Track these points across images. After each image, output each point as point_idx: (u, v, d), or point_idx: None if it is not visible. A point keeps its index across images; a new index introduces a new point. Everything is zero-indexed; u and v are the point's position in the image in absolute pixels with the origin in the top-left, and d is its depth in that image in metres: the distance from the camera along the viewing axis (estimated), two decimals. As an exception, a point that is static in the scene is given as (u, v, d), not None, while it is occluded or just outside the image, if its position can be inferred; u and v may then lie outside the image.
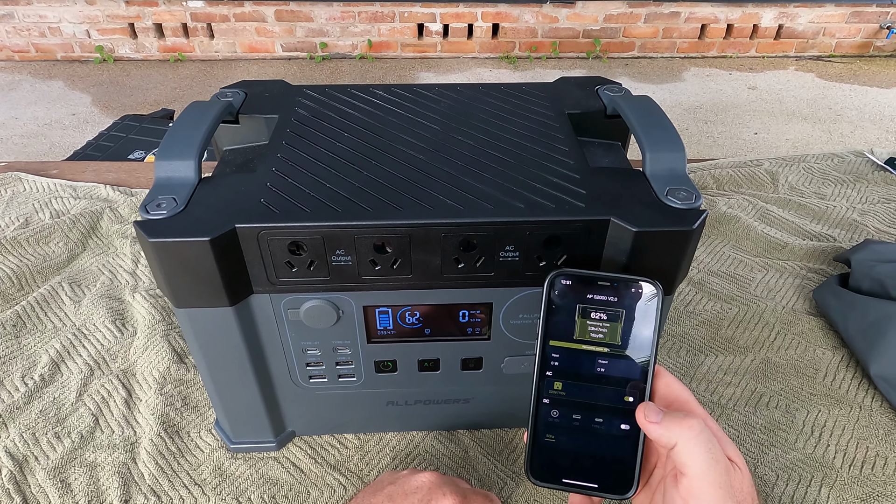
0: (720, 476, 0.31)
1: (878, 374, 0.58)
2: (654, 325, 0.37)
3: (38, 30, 3.10)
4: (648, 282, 0.37)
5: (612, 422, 0.37)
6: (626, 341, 0.37)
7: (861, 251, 0.69)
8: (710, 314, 0.69)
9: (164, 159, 0.42)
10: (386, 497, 0.41)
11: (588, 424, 0.37)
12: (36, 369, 0.60)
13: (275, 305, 0.43)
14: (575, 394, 0.37)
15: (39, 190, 0.86)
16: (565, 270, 0.37)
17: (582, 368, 0.37)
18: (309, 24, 3.18)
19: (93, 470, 0.52)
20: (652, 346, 0.37)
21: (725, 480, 0.31)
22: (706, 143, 2.58)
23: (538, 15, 3.22)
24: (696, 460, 0.32)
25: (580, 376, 0.37)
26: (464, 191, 0.41)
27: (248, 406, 0.50)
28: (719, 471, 0.31)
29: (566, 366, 0.37)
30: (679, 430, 0.33)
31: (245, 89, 0.54)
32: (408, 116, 0.50)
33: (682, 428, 0.32)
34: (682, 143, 0.43)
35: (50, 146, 2.48)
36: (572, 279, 0.37)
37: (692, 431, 0.32)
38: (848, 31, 3.35)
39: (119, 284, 0.71)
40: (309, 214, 0.39)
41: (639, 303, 0.37)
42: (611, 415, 0.37)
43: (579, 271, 0.37)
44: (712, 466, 0.31)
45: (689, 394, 0.36)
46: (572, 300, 0.37)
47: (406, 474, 0.43)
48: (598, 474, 0.36)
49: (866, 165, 0.95)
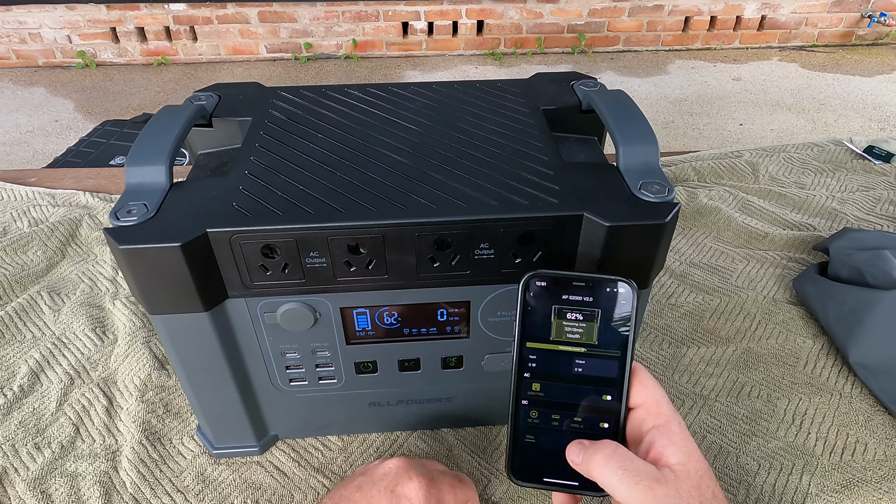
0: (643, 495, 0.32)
1: (857, 362, 0.59)
2: (631, 324, 0.37)
3: (18, 36, 3.07)
4: (623, 281, 0.37)
5: (590, 421, 0.37)
6: (603, 340, 0.37)
7: (839, 239, 0.69)
8: (692, 306, 0.69)
9: (135, 165, 0.41)
10: (355, 488, 0.41)
11: (567, 424, 0.37)
12: (15, 380, 0.60)
13: (251, 309, 0.43)
14: (553, 394, 0.37)
15: (17, 198, 0.85)
16: (540, 272, 0.37)
17: (559, 369, 0.37)
18: (293, 24, 3.17)
19: (74, 480, 0.51)
20: (629, 345, 0.37)
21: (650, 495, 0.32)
22: (692, 136, 2.59)
23: (522, 11, 3.22)
24: (614, 488, 0.33)
25: (558, 377, 0.37)
26: (438, 189, 0.41)
27: (228, 411, 0.49)
28: (641, 490, 0.32)
29: (544, 367, 0.37)
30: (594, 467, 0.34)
31: (218, 92, 0.54)
32: (382, 116, 0.50)
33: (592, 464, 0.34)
34: (654, 137, 0.43)
35: (33, 153, 2.46)
36: (547, 280, 0.37)
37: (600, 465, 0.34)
38: (830, 21, 3.37)
39: (99, 292, 0.71)
40: (281, 217, 0.39)
41: (614, 302, 0.37)
42: (589, 414, 0.37)
43: (554, 272, 0.37)
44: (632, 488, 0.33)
45: (662, 393, 0.37)
46: (547, 301, 0.37)
47: (375, 464, 0.44)
48: (579, 472, 0.36)
49: (845, 154, 0.96)
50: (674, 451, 0.34)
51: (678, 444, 0.35)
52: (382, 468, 0.42)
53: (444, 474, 0.44)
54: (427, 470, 0.42)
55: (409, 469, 0.42)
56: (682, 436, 0.35)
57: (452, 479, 0.44)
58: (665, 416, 0.36)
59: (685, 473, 0.34)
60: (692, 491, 0.33)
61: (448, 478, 0.43)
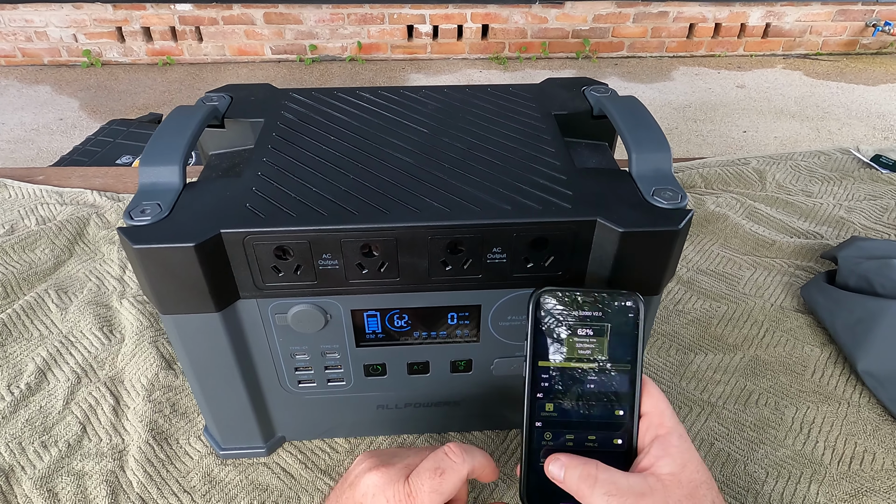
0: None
1: (866, 371, 0.59)
2: (639, 336, 0.37)
3: (24, 34, 3.08)
4: (631, 294, 0.37)
5: (605, 438, 0.37)
6: (613, 355, 0.37)
7: (847, 248, 0.69)
8: (700, 312, 0.69)
9: (148, 165, 0.42)
10: (334, 499, 0.41)
11: (581, 443, 0.37)
12: (22, 378, 0.60)
13: (262, 310, 0.43)
14: (567, 414, 0.37)
15: (25, 196, 0.86)
16: (548, 288, 0.37)
17: (572, 387, 0.37)
18: (298, 26, 3.18)
19: (80, 479, 0.51)
20: (638, 358, 0.37)
21: None
22: (695, 142, 2.59)
23: (527, 15, 3.23)
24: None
25: (571, 395, 0.37)
26: (450, 193, 0.41)
27: (236, 412, 0.49)
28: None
29: (556, 386, 0.37)
30: (577, 485, 0.34)
31: (230, 93, 0.54)
32: (394, 119, 0.50)
33: (577, 483, 0.34)
34: (667, 143, 0.43)
35: (37, 152, 2.46)
36: (555, 296, 0.37)
37: (586, 485, 0.33)
38: (834, 30, 3.38)
39: (106, 291, 0.71)
40: (295, 219, 0.39)
41: (623, 315, 0.37)
42: (603, 431, 0.37)
43: (562, 288, 0.37)
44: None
45: (666, 404, 0.37)
46: (558, 318, 0.37)
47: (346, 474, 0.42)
48: None
49: (852, 163, 0.96)
50: (667, 461, 0.34)
51: (674, 455, 0.35)
52: (351, 469, 0.41)
53: (406, 451, 0.41)
54: (381, 455, 0.40)
55: (366, 458, 0.40)
56: (680, 447, 0.35)
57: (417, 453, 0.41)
58: (667, 427, 0.36)
59: (675, 483, 0.33)
60: (683, 500, 0.33)
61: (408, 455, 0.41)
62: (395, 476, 0.37)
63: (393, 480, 0.37)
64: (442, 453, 0.38)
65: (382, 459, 0.39)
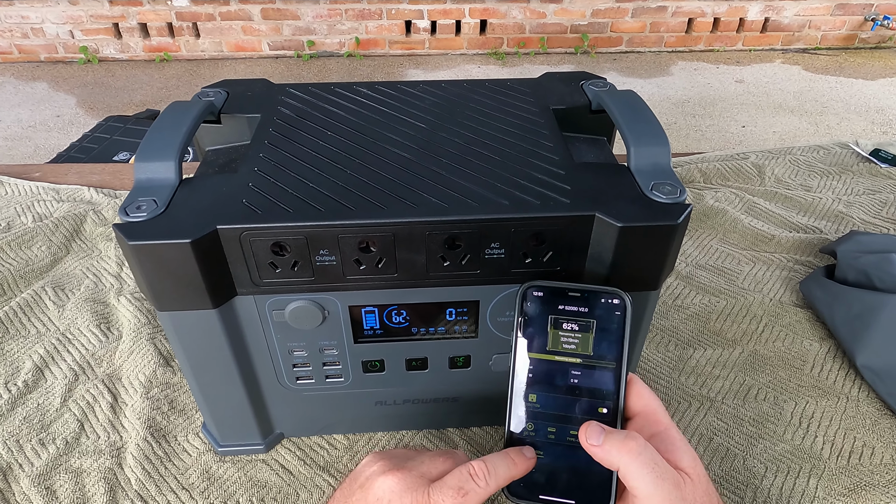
0: (668, 493, 0.32)
1: (864, 365, 0.59)
2: (625, 335, 0.37)
3: (20, 31, 3.06)
4: (618, 292, 0.38)
5: None
6: (598, 351, 0.37)
7: (846, 242, 0.69)
8: (699, 307, 0.69)
9: (144, 161, 0.41)
10: (341, 499, 0.39)
11: (563, 438, 0.37)
12: (19, 375, 0.60)
13: (259, 307, 0.43)
14: (549, 406, 0.37)
15: (21, 193, 0.85)
16: (536, 282, 0.38)
17: (555, 380, 0.37)
18: (296, 22, 3.16)
19: (78, 476, 0.51)
20: (623, 356, 0.37)
21: (676, 495, 0.32)
22: (694, 137, 2.59)
23: (526, 11, 3.22)
24: (641, 482, 0.32)
25: (554, 388, 0.37)
26: (448, 188, 0.41)
27: (234, 409, 0.49)
28: (667, 488, 0.32)
29: (540, 378, 0.37)
30: (620, 454, 0.33)
31: (227, 89, 0.54)
32: (392, 114, 0.50)
33: (622, 452, 0.33)
34: (666, 138, 0.43)
35: (34, 148, 2.45)
36: (544, 291, 0.38)
37: (632, 454, 0.32)
38: (833, 24, 3.37)
39: (104, 288, 0.70)
40: (292, 214, 0.38)
41: (609, 313, 0.37)
42: None
43: (550, 283, 0.38)
44: (659, 486, 0.32)
45: (658, 403, 0.37)
46: (544, 311, 0.38)
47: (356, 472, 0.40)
48: (575, 490, 0.36)
49: (851, 157, 0.96)
50: (682, 455, 0.34)
51: (683, 450, 0.35)
52: (358, 470, 0.40)
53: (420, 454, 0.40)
54: (394, 458, 0.39)
55: (377, 461, 0.39)
56: (683, 441, 0.35)
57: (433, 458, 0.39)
58: (663, 424, 0.36)
59: (697, 478, 0.34)
60: (703, 498, 0.33)
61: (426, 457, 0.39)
62: (413, 484, 0.36)
63: (411, 488, 0.36)
64: (467, 473, 0.35)
65: (395, 463, 0.38)
